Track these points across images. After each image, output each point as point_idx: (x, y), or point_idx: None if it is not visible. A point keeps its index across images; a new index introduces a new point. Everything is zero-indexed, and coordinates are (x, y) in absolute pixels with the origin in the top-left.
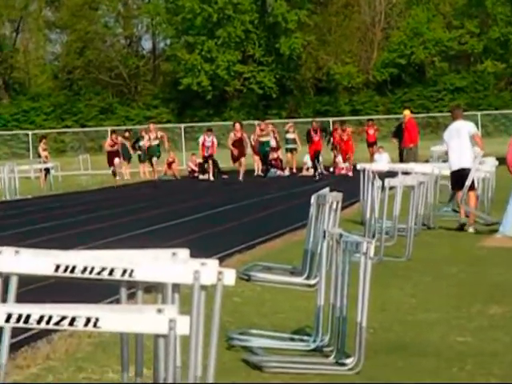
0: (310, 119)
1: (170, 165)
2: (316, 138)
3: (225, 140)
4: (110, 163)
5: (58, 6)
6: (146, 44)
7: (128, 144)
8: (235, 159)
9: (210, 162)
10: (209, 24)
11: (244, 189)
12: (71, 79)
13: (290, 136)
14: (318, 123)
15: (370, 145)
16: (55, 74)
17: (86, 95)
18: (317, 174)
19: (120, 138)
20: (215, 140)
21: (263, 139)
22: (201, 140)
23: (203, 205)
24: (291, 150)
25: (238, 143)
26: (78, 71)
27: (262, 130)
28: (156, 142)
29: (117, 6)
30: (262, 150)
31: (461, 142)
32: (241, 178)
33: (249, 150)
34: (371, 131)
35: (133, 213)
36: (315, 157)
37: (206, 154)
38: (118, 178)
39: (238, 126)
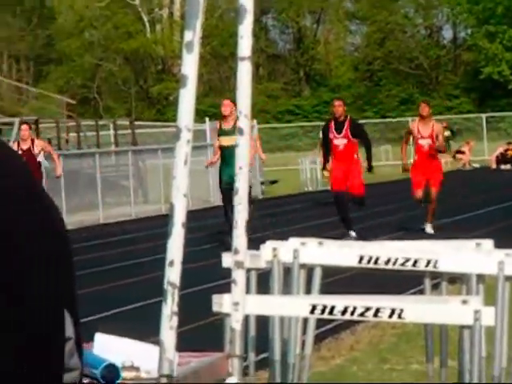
0: None
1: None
2: (340, 142)
3: None
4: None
5: None
6: (447, 34)
7: None
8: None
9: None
10: (510, 13)
11: None
12: (371, 70)
13: None
14: (339, 103)
15: None
16: (355, 66)
17: (387, 86)
18: (350, 235)
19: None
20: None
21: (227, 142)
22: None
23: (507, 195)
24: None
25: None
26: (378, 62)
27: (225, 118)
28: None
29: None
30: (226, 172)
31: None
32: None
33: None
34: None
35: (443, 202)
36: (338, 197)
37: None
38: None
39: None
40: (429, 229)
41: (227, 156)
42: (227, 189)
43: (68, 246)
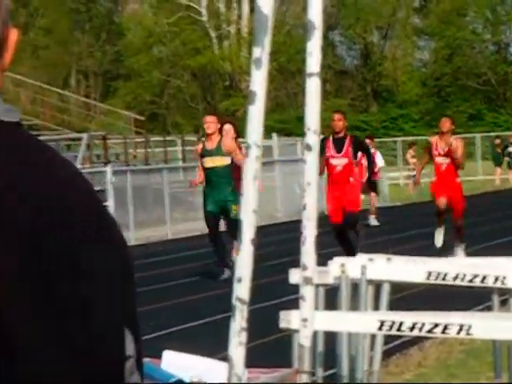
0: None
1: None
2: (339, 162)
3: None
4: None
5: (426, 12)
6: None
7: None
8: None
9: None
10: None
11: None
12: (439, 86)
13: None
14: (339, 117)
15: None
16: (423, 81)
17: (455, 102)
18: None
19: None
20: None
21: (211, 163)
22: None
23: None
24: None
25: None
26: (446, 78)
27: (208, 137)
28: None
29: (485, 13)
30: (212, 199)
31: None
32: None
33: None
34: None
35: (505, 219)
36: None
37: None
38: None
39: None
40: (459, 252)
41: (211, 179)
42: (212, 213)
43: (129, 261)
